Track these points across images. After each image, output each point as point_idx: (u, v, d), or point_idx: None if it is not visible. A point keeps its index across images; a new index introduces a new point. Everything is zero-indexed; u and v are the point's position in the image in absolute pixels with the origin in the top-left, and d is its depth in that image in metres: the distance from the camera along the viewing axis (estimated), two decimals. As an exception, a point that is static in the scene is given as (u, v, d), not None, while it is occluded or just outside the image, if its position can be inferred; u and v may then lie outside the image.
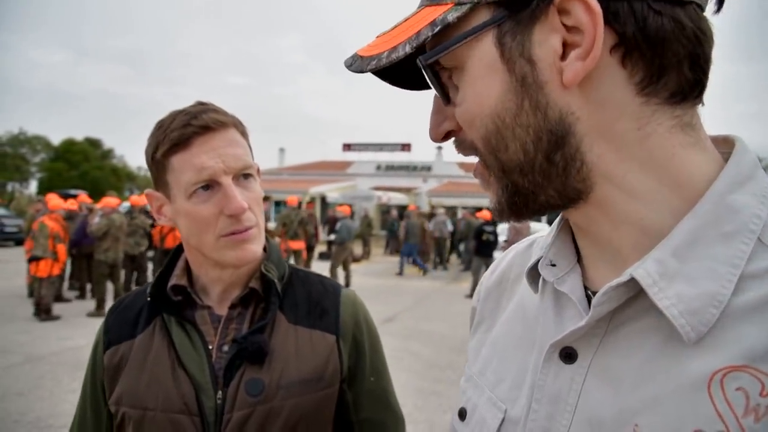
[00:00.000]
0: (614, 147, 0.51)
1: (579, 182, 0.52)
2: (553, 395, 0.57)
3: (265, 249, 1.15)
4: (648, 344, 0.51)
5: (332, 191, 27.62)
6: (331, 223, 15.29)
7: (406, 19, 0.57)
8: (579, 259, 0.62)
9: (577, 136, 0.51)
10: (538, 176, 0.53)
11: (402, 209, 23.27)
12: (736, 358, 0.45)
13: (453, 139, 0.60)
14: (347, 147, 39.82)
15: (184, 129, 0.98)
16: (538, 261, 0.64)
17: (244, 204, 0.99)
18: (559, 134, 0.51)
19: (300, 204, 12.11)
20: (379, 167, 36.59)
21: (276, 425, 1.01)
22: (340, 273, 12.07)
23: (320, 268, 12.72)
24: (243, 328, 1.07)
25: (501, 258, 0.83)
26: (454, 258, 18.42)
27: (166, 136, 0.99)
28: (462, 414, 0.72)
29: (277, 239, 11.10)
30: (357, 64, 0.57)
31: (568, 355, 0.56)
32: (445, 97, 0.57)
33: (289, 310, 1.11)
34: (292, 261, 10.98)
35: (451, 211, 18.79)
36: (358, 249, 18.47)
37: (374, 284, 12.77)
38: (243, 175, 1.03)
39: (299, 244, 11.25)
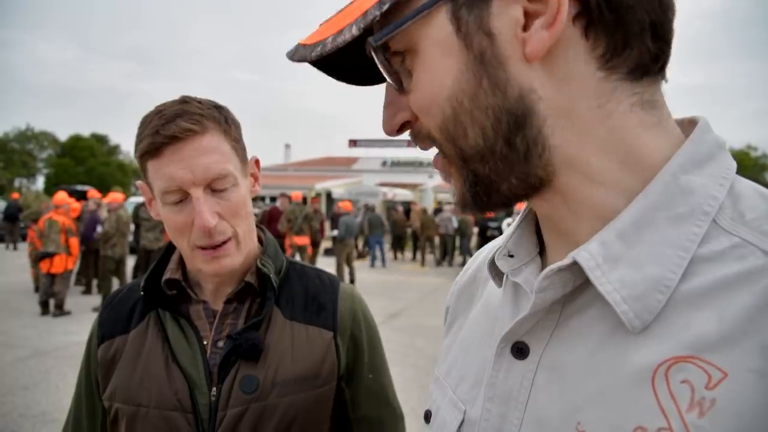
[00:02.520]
0: (577, 128, 0.47)
1: (540, 169, 0.49)
2: (505, 394, 0.54)
3: (261, 242, 1.13)
4: (594, 335, 0.48)
5: (338, 187, 27.63)
6: (335, 219, 15.35)
7: (352, 2, 0.52)
8: (543, 252, 0.59)
9: (540, 116, 0.47)
10: (500, 163, 0.49)
11: (407, 205, 23.24)
12: (683, 348, 0.42)
13: (409, 131, 0.56)
14: (353, 143, 39.88)
15: (154, 138, 0.94)
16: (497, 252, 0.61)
17: (210, 221, 0.94)
18: (519, 114, 0.47)
19: (305, 199, 12.08)
20: (384, 163, 36.67)
21: (270, 423, 0.99)
22: (344, 269, 12.07)
23: (326, 263, 12.73)
24: (239, 324, 1.04)
25: (475, 256, 0.80)
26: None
27: (141, 141, 0.96)
28: (427, 416, 0.69)
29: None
30: (300, 53, 0.52)
31: (519, 350, 0.53)
32: (399, 84, 0.52)
33: (285, 306, 1.08)
34: (297, 257, 11.03)
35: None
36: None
37: (379, 280, 12.77)
38: (219, 184, 0.97)
39: (304, 240, 11.25)
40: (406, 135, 0.57)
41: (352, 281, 11.50)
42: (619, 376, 0.44)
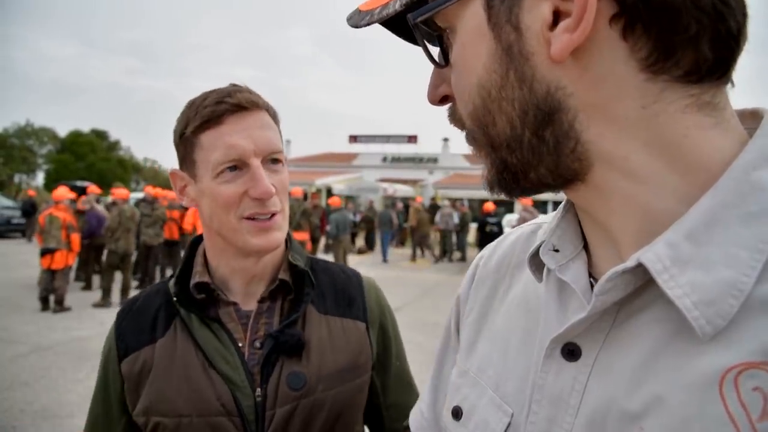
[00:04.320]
0: (616, 126, 0.45)
1: (574, 162, 0.48)
2: (554, 396, 0.52)
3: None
4: (652, 338, 0.45)
5: (338, 183, 27.59)
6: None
7: None
8: (586, 246, 0.57)
9: (570, 112, 0.46)
10: (527, 153, 0.49)
11: (407, 201, 23.22)
12: (755, 354, 0.39)
13: (448, 107, 0.57)
14: (353, 139, 39.75)
15: (217, 106, 0.96)
16: (540, 246, 0.59)
17: (271, 188, 0.96)
18: (547, 110, 0.46)
19: (306, 196, 12.04)
20: (385, 159, 36.54)
21: (320, 417, 0.99)
22: (346, 265, 12.07)
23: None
24: (273, 322, 1.03)
25: (499, 241, 0.77)
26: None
27: (197, 113, 0.97)
28: (457, 413, 0.66)
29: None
30: (354, 18, 0.55)
31: (570, 351, 0.51)
32: (433, 59, 0.54)
33: (318, 300, 1.09)
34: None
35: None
36: (362, 241, 18.48)
37: (380, 276, 12.76)
38: (272, 160, 1.00)
39: (303, 236, 11.23)
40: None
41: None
42: (683, 380, 0.42)
